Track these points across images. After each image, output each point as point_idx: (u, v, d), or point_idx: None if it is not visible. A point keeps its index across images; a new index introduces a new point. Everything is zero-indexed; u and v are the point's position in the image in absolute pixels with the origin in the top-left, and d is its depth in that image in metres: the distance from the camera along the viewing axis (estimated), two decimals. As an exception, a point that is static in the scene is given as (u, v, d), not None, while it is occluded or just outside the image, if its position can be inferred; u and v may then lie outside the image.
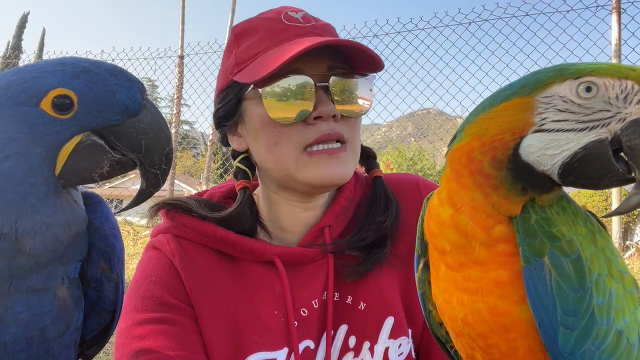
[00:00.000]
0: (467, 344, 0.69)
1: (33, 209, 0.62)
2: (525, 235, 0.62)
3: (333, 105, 1.07)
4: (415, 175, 1.37)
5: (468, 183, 0.66)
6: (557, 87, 0.62)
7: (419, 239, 0.81)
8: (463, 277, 0.67)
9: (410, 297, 1.15)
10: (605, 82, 0.60)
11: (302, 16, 1.14)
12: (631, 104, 0.59)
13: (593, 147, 0.60)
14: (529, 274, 0.61)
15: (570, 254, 0.60)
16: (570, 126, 0.61)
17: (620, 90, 0.59)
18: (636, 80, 0.59)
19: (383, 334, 1.10)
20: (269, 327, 1.08)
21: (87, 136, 0.65)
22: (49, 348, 0.69)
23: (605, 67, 0.61)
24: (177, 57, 8.73)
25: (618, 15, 5.49)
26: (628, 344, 0.61)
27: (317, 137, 1.07)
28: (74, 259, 0.71)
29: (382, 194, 1.20)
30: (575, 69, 0.61)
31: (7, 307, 0.63)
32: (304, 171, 1.09)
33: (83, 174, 0.67)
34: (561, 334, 0.59)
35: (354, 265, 1.11)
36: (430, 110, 12.92)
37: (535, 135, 0.62)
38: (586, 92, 0.60)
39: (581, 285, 0.59)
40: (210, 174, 10.62)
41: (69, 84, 0.62)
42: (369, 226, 1.14)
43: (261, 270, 1.12)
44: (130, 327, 1.05)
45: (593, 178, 0.61)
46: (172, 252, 1.13)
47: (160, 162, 0.68)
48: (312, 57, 1.07)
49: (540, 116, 0.62)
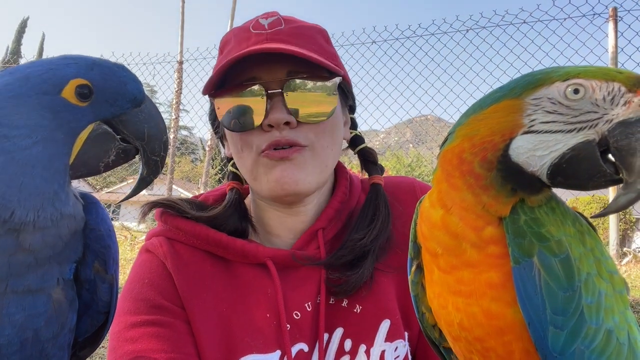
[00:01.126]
0: (465, 348, 0.70)
1: (55, 196, 0.64)
2: (515, 236, 0.62)
3: (286, 111, 1.07)
4: (412, 178, 1.37)
5: (458, 184, 0.66)
6: (545, 90, 0.62)
7: (412, 241, 0.82)
8: (456, 279, 0.67)
9: (407, 300, 1.15)
10: (592, 84, 0.61)
11: (270, 22, 1.13)
12: (618, 105, 0.60)
13: (581, 148, 0.61)
14: (518, 274, 0.61)
15: (559, 253, 0.61)
16: (558, 127, 0.62)
17: (607, 92, 0.60)
18: (623, 82, 0.60)
19: (379, 337, 1.10)
20: (261, 330, 1.08)
21: (98, 125, 0.68)
22: (42, 349, 0.69)
23: (593, 70, 0.61)
24: (176, 63, 8.75)
25: (615, 23, 5.53)
26: (618, 344, 0.62)
27: (267, 143, 1.08)
28: (69, 258, 0.71)
29: (372, 206, 1.19)
30: (564, 72, 0.62)
31: (1, 308, 0.63)
32: (261, 178, 1.10)
33: (91, 162, 0.70)
34: (551, 334, 0.59)
35: (338, 285, 1.11)
36: (429, 116, 12.96)
37: (524, 137, 0.63)
38: (574, 94, 0.61)
39: (570, 285, 0.60)
40: (209, 179, 10.62)
41: (86, 74, 0.66)
42: (348, 243, 1.13)
43: (253, 272, 1.13)
44: (122, 329, 1.05)
45: (581, 179, 0.62)
46: (165, 254, 1.13)
47: (159, 149, 0.73)
48: (270, 64, 1.08)
49: (529, 118, 0.63)
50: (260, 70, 1.09)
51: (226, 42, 1.18)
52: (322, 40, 1.18)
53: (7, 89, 0.62)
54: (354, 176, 1.31)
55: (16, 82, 0.63)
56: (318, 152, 1.12)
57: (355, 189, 1.26)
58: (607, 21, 5.59)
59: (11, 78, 0.64)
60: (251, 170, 1.13)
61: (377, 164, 1.30)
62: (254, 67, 1.09)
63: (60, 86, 0.64)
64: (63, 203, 0.66)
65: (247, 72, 1.10)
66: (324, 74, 1.12)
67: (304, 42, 1.11)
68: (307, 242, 1.15)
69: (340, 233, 1.18)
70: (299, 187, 1.10)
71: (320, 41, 1.16)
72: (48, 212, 0.63)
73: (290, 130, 1.08)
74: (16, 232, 0.61)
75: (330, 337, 1.11)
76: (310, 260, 1.12)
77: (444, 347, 0.83)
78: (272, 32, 1.11)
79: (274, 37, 1.10)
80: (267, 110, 1.07)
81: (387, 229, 1.15)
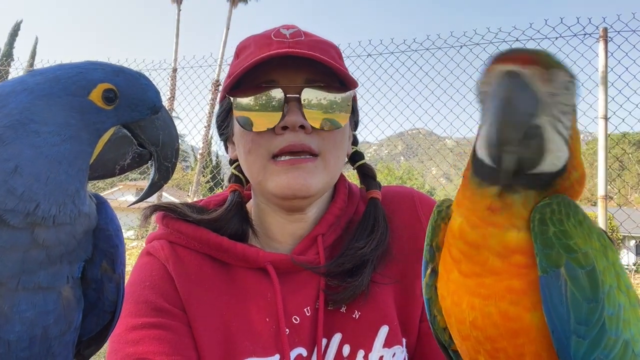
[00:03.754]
0: (472, 348, 0.71)
1: (76, 194, 0.66)
2: (543, 247, 0.63)
3: (302, 116, 1.09)
4: (411, 188, 1.39)
5: (463, 187, 0.70)
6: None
7: (428, 245, 0.83)
8: (476, 283, 0.68)
9: (406, 307, 1.17)
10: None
11: (291, 33, 1.16)
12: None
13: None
14: (545, 284, 0.63)
15: (586, 265, 0.62)
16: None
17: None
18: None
19: (377, 343, 1.11)
20: (260, 334, 1.09)
21: (119, 129, 0.71)
22: (49, 347, 0.69)
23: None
24: (170, 70, 8.76)
25: (605, 43, 5.63)
26: (633, 354, 0.64)
27: (282, 147, 1.10)
28: (80, 257, 0.71)
29: (371, 217, 1.20)
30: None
31: (13, 305, 0.63)
32: (270, 180, 1.12)
33: (109, 164, 0.72)
34: (573, 342, 0.61)
35: (336, 292, 1.12)
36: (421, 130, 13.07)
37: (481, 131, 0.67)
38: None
39: (594, 296, 0.61)
40: (199, 187, 10.56)
41: (112, 79, 0.69)
42: (348, 251, 1.14)
43: (254, 277, 1.13)
44: (124, 332, 1.05)
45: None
46: (166, 257, 1.14)
47: (171, 156, 0.76)
48: (290, 70, 1.11)
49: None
50: (279, 74, 1.12)
51: (244, 47, 1.20)
52: (336, 55, 1.22)
53: (39, 88, 0.65)
54: (353, 185, 1.33)
55: (47, 82, 0.65)
56: (329, 162, 1.14)
57: (354, 197, 1.28)
58: (598, 41, 5.69)
59: (42, 78, 0.66)
60: (258, 173, 1.14)
61: (376, 179, 1.32)
62: (273, 71, 1.12)
63: (88, 89, 0.67)
64: (82, 201, 0.67)
65: (266, 75, 1.12)
66: (339, 85, 1.15)
67: (322, 54, 1.14)
68: (307, 247, 1.17)
69: (339, 240, 1.20)
70: (308, 189, 1.11)
71: (335, 56, 1.20)
72: (69, 208, 0.64)
73: (304, 135, 1.10)
74: (34, 227, 0.62)
75: (329, 342, 1.11)
76: (310, 265, 1.13)
77: (452, 350, 0.85)
78: (294, 41, 1.14)
79: (295, 46, 1.13)
80: (284, 113, 1.10)
81: (386, 241, 1.17)
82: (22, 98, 0.63)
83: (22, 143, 0.61)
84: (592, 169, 6.81)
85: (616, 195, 8.72)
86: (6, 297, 0.62)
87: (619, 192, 8.03)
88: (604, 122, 5.38)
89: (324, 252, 1.15)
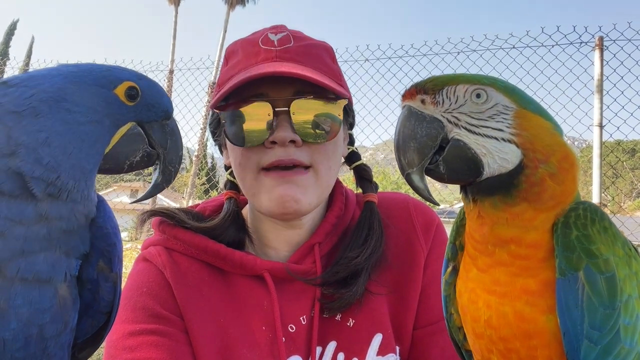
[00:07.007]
0: (485, 346, 0.71)
1: (89, 175, 0.70)
2: (564, 249, 0.64)
3: (291, 130, 1.06)
4: (406, 194, 1.39)
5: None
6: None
7: (451, 243, 0.83)
8: (492, 280, 0.69)
9: (400, 315, 1.16)
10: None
11: (279, 38, 1.13)
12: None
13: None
14: (562, 285, 0.63)
15: (606, 271, 0.62)
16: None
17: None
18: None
19: (371, 351, 1.11)
20: (257, 342, 1.08)
21: (134, 125, 0.77)
22: (45, 348, 0.69)
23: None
24: (167, 71, 8.74)
25: (600, 51, 5.68)
26: None
27: (272, 161, 1.07)
28: (78, 250, 0.71)
29: (366, 224, 1.19)
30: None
31: (9, 298, 0.63)
32: (262, 194, 1.10)
33: (120, 158, 0.76)
34: (584, 346, 0.61)
35: (331, 301, 1.11)
36: (417, 135, 13.09)
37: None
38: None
39: (611, 303, 0.61)
40: (195, 189, 10.53)
41: (137, 80, 0.76)
42: (342, 260, 1.14)
43: (250, 284, 1.13)
44: (120, 338, 1.05)
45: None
46: (164, 264, 1.13)
47: (176, 161, 0.82)
48: (277, 82, 1.07)
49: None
50: (267, 87, 1.09)
51: (232, 53, 1.18)
52: (329, 58, 1.18)
53: (72, 75, 0.71)
54: (349, 191, 1.32)
55: (80, 72, 0.73)
56: (320, 173, 1.12)
57: (351, 204, 1.27)
58: (594, 49, 5.73)
59: (76, 68, 0.73)
60: (251, 187, 1.12)
61: (373, 181, 1.31)
62: (262, 84, 1.08)
63: (115, 83, 0.74)
64: (91, 184, 0.71)
65: (254, 88, 1.08)
66: (330, 95, 1.12)
67: (312, 61, 1.12)
68: (303, 256, 1.16)
69: (335, 248, 1.19)
70: (300, 206, 1.09)
71: (327, 60, 1.17)
72: (81, 187, 0.69)
73: (294, 149, 1.08)
74: (47, 199, 0.64)
75: (324, 350, 1.11)
76: (306, 275, 1.13)
77: (465, 349, 0.85)
78: (282, 49, 1.11)
79: (283, 56, 1.10)
80: (273, 128, 1.06)
81: (380, 248, 1.16)
82: (57, 80, 0.69)
83: (54, 117, 0.66)
84: (586, 177, 6.84)
85: (610, 202, 8.77)
86: (3, 288, 0.62)
87: (613, 200, 8.08)
88: (599, 130, 5.42)
89: (320, 261, 1.15)
